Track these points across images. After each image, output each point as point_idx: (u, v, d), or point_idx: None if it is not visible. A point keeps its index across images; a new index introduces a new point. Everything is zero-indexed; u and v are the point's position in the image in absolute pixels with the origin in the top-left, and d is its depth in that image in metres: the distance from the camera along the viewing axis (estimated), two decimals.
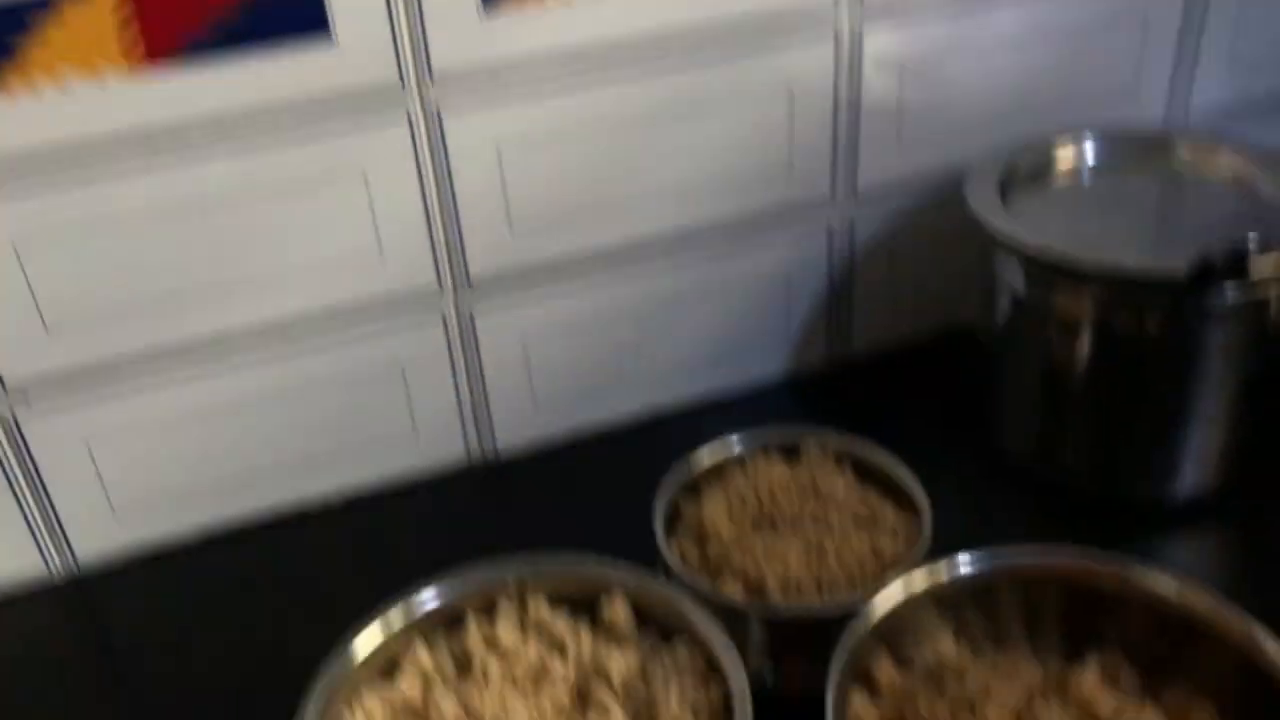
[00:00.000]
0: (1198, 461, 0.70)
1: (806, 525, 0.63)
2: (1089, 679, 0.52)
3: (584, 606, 0.57)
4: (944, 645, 0.56)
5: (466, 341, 0.77)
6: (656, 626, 0.56)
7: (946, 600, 0.55)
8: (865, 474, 0.67)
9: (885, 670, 0.54)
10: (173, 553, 0.75)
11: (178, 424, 0.72)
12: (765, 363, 0.87)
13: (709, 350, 0.84)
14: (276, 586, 0.72)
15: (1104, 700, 0.51)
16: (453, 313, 0.75)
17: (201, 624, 0.70)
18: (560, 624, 0.56)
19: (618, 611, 0.56)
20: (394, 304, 0.73)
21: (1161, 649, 0.53)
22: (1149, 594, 0.53)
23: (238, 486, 0.76)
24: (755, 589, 0.59)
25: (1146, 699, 0.52)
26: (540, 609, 0.57)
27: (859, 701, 0.52)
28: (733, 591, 0.59)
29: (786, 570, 0.59)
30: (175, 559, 0.75)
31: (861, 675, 0.54)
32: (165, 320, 0.68)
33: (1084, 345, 0.69)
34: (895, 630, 0.54)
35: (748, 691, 0.49)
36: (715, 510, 0.63)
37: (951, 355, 0.87)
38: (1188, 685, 0.52)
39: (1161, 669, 0.53)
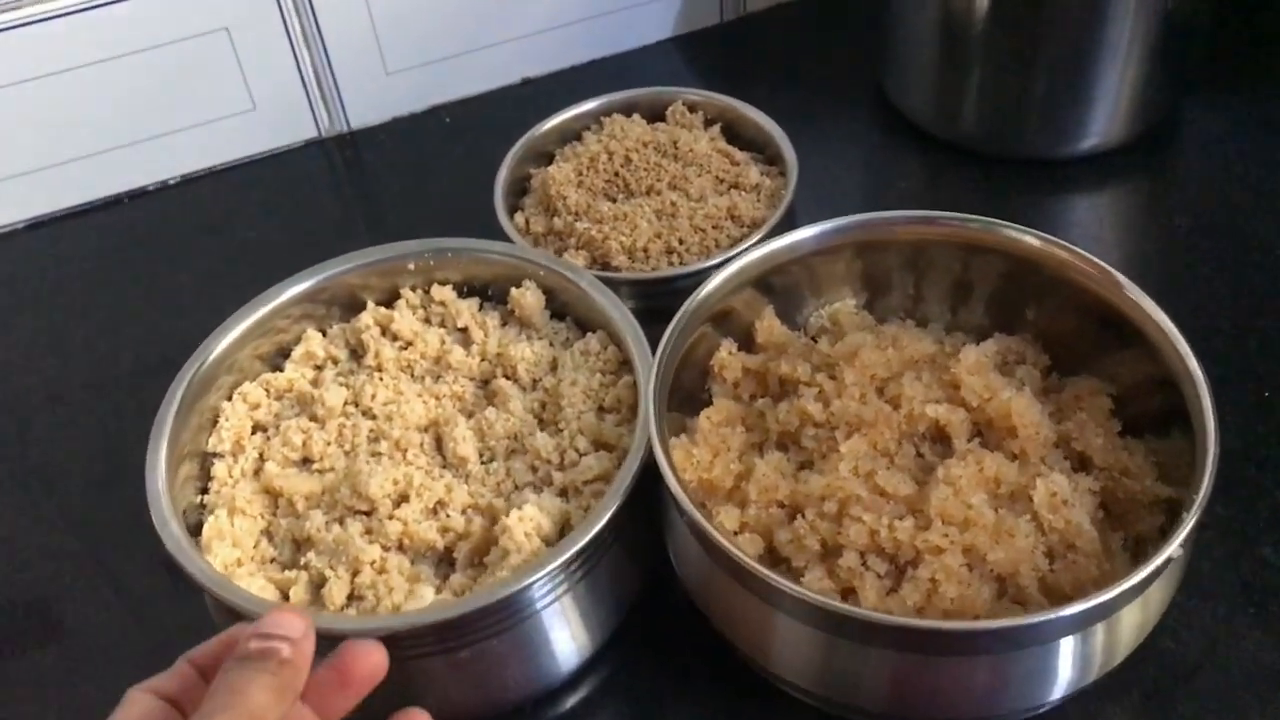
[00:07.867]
0: (1106, 110, 0.64)
1: (663, 190, 0.57)
2: (969, 358, 0.46)
3: (497, 296, 0.52)
4: (842, 309, 0.51)
5: (301, 7, 0.68)
6: (575, 320, 0.51)
7: (842, 262, 0.50)
8: (737, 136, 0.61)
9: (766, 325, 0.49)
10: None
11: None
12: (651, 25, 0.78)
13: (585, 9, 0.75)
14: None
15: (977, 383, 0.45)
16: None
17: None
18: (467, 313, 0.50)
19: (528, 301, 0.50)
20: None
21: (1084, 341, 0.48)
22: (1065, 277, 0.47)
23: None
24: (600, 259, 0.54)
25: (1042, 385, 0.48)
26: (445, 295, 0.51)
27: (727, 349, 0.49)
28: (575, 261, 0.54)
29: (634, 238, 0.54)
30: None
31: (743, 330, 0.50)
32: None
33: None
34: (788, 288, 0.50)
35: (653, 383, 0.43)
36: (562, 176, 0.57)
37: (854, 13, 0.78)
38: (1096, 378, 0.47)
39: (1077, 361, 0.48)
